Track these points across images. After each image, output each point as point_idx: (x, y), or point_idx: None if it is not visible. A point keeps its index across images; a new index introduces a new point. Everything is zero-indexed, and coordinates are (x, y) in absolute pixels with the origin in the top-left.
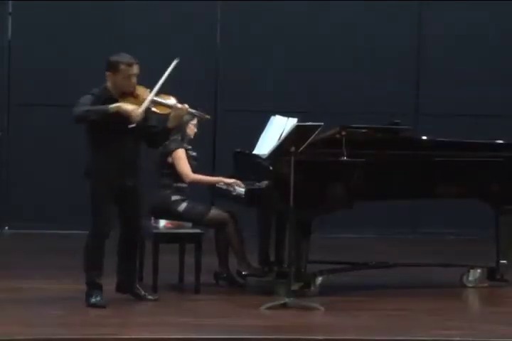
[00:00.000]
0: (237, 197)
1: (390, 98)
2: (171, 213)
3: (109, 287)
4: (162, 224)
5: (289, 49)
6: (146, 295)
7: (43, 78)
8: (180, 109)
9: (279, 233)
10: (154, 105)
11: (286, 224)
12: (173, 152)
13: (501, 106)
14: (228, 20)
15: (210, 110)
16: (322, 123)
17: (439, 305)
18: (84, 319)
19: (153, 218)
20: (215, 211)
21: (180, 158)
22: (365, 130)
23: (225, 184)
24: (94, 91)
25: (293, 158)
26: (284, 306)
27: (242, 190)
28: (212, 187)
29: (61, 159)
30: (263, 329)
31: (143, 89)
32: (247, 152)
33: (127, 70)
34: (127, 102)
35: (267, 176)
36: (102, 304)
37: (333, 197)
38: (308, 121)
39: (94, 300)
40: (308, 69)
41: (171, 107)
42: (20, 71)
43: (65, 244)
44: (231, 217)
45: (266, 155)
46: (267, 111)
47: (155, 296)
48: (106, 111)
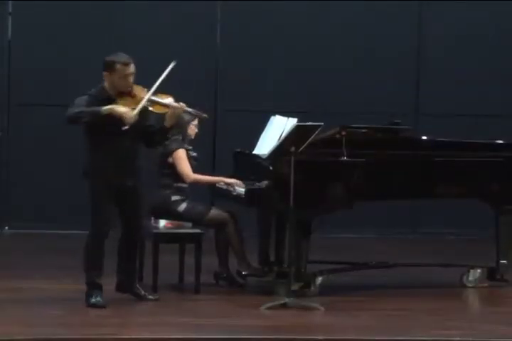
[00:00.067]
0: (237, 197)
1: (390, 98)
2: (171, 213)
3: (109, 287)
4: (162, 224)
5: (289, 49)
6: (146, 295)
7: (43, 78)
8: (177, 108)
9: (279, 233)
10: (151, 104)
11: (286, 224)
12: (173, 152)
13: (501, 106)
14: (228, 20)
15: (210, 110)
16: (322, 123)
17: (439, 305)
18: (84, 319)
19: (153, 218)
20: (215, 211)
21: (180, 158)
22: (365, 130)
23: (225, 184)
24: (91, 92)
25: (293, 158)
26: (284, 306)
27: (242, 190)
28: (212, 187)
29: (61, 159)
30: (263, 329)
31: (140, 89)
32: (247, 152)
33: (124, 70)
34: (125, 102)
35: (267, 176)
36: (102, 304)
37: (333, 197)
38: (308, 121)
39: (94, 300)
40: (308, 69)
41: (167, 106)
42: (20, 71)
43: (65, 244)
44: (231, 217)
45: (266, 155)
46: (267, 111)
47: (155, 296)
48: (98, 113)
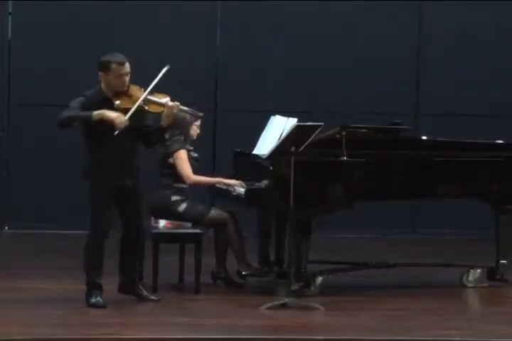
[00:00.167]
0: (237, 197)
1: (390, 98)
2: (171, 213)
3: (109, 287)
4: (162, 224)
5: (289, 49)
6: (148, 295)
7: (43, 78)
8: (172, 107)
9: (279, 233)
10: (147, 104)
11: (286, 224)
12: (174, 153)
13: (501, 106)
14: (228, 20)
15: (210, 110)
16: (322, 123)
17: (439, 305)
18: (84, 319)
19: (153, 218)
20: (215, 211)
21: (181, 158)
22: (365, 130)
23: (225, 185)
24: (87, 93)
25: (293, 158)
26: (284, 306)
27: (242, 190)
28: (212, 187)
29: (61, 159)
30: (263, 329)
31: (137, 89)
32: (247, 152)
33: (119, 69)
34: (122, 101)
35: (267, 176)
36: (102, 304)
37: (333, 197)
38: (308, 121)
39: (94, 300)
40: (308, 69)
41: (163, 105)
42: (20, 71)
43: (65, 244)
44: (231, 217)
45: (266, 155)
46: (267, 111)
47: (158, 297)
48: (89, 118)
